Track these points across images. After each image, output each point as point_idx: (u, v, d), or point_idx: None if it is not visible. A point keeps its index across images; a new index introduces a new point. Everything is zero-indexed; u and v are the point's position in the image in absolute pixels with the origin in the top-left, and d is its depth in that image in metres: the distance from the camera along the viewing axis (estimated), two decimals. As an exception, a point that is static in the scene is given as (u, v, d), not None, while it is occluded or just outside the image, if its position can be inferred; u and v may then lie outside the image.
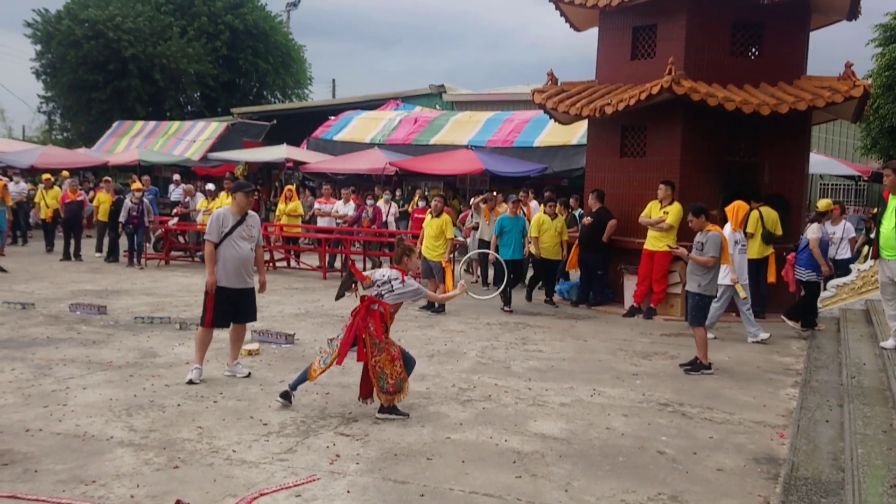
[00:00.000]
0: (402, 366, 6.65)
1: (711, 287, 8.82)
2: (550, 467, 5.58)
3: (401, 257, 6.95)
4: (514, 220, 12.90)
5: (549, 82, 14.07)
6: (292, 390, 6.87)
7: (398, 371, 6.60)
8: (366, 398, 6.75)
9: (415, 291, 6.87)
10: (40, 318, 10.62)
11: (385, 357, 6.58)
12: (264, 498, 4.84)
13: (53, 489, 4.90)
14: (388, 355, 6.59)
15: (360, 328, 6.57)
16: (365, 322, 6.59)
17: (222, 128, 31.46)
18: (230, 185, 15.30)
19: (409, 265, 6.97)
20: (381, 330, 6.61)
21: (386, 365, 6.57)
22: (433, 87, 31.46)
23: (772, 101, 11.74)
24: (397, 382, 6.59)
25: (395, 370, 6.59)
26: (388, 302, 6.73)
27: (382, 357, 6.58)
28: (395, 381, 6.58)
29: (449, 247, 12.84)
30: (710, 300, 8.94)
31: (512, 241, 12.80)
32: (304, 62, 51.32)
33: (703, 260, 8.74)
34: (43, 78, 44.21)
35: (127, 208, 16.86)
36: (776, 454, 6.00)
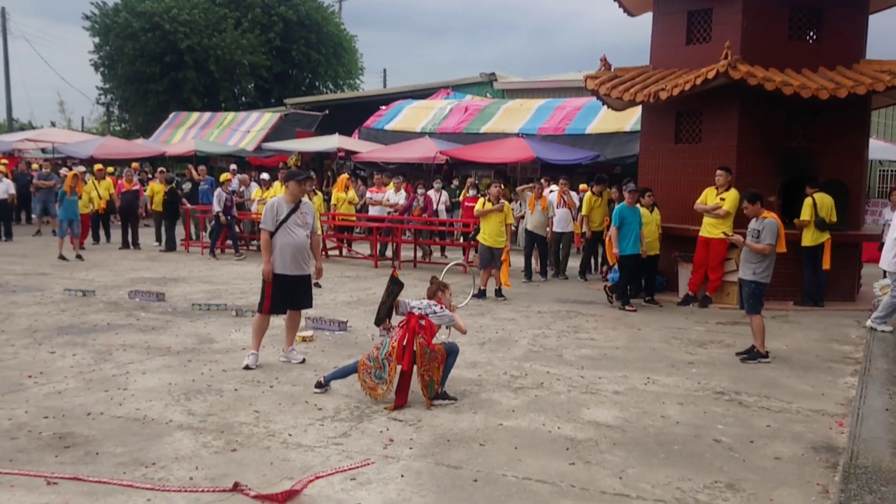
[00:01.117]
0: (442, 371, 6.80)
1: (766, 275, 8.64)
2: (604, 455, 5.54)
3: (435, 293, 7.15)
4: (633, 210, 11.73)
5: (602, 68, 13.92)
6: (326, 383, 6.97)
7: (441, 375, 6.74)
8: (399, 407, 6.57)
9: (450, 318, 7.05)
10: (100, 304, 10.88)
11: (434, 365, 6.68)
12: (320, 481, 4.90)
13: (114, 471, 5.03)
14: (437, 363, 6.69)
15: (410, 340, 6.65)
16: (414, 333, 6.67)
17: (276, 118, 31.82)
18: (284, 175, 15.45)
19: (444, 300, 7.12)
20: (430, 341, 6.74)
21: (434, 373, 6.68)
22: (484, 75, 31.37)
23: (830, 85, 11.46)
24: (441, 385, 6.75)
25: (439, 375, 6.72)
26: (433, 321, 6.88)
27: (433, 366, 6.67)
28: (440, 388, 6.74)
29: (509, 234, 12.74)
30: (764, 287, 8.73)
31: (631, 234, 11.64)
32: (355, 52, 51.57)
33: (759, 247, 8.58)
34: (101, 70, 45.21)
35: (222, 199, 16.77)
36: (835, 443, 5.88)
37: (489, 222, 12.48)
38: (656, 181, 13.12)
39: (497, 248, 12.40)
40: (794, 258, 11.50)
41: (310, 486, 4.80)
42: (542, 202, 14.41)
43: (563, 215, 15.08)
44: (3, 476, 4.87)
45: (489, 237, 12.41)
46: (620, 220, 11.63)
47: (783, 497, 4.86)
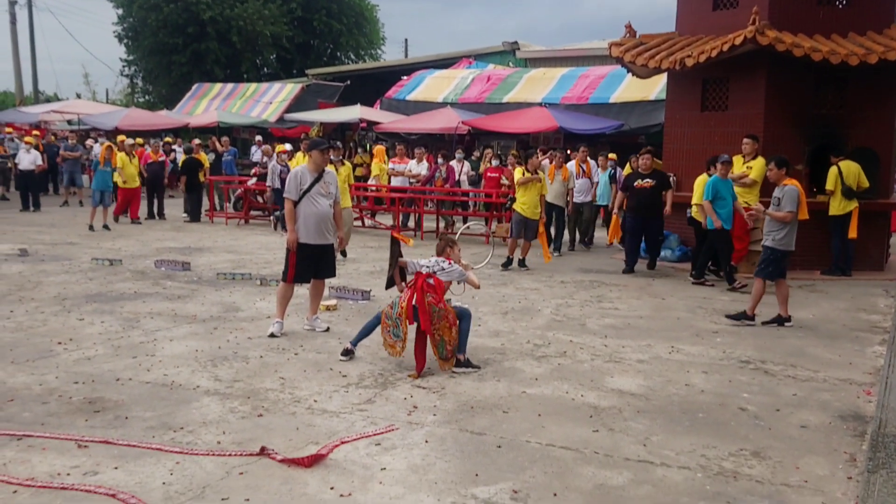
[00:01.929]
0: (458, 331, 6.72)
1: (785, 242, 8.62)
2: (628, 422, 5.54)
3: (443, 249, 7.13)
4: (725, 183, 10.96)
5: (627, 35, 13.75)
6: (354, 346, 7.02)
7: (454, 337, 6.68)
8: (420, 371, 6.61)
9: (460, 273, 7.03)
10: (127, 273, 10.99)
11: (444, 324, 6.64)
12: (345, 446, 4.94)
13: (143, 435, 5.10)
14: (447, 322, 6.65)
15: (419, 300, 6.63)
16: (423, 293, 6.65)
17: (297, 89, 31.80)
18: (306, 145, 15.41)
19: (453, 255, 7.10)
20: (439, 299, 6.71)
21: (445, 332, 6.64)
22: (506, 44, 31.11)
23: (860, 51, 11.25)
24: (454, 348, 6.70)
25: (452, 336, 6.67)
26: (441, 279, 6.87)
27: (442, 324, 6.63)
28: (452, 347, 6.68)
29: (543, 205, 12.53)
30: (782, 255, 8.70)
31: (726, 208, 10.95)
32: (377, 22, 51.32)
33: (780, 216, 8.55)
34: (125, 42, 45.37)
35: (276, 172, 15.85)
36: (863, 411, 5.83)
37: (528, 192, 12.18)
38: (682, 150, 13.00)
39: (533, 219, 12.21)
40: (821, 227, 11.39)
41: (335, 451, 4.84)
42: (563, 172, 14.23)
43: (583, 185, 14.80)
44: (36, 439, 4.96)
45: (528, 208, 12.15)
46: (714, 193, 10.88)
47: (809, 465, 4.84)
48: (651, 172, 12.13)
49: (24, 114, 31.41)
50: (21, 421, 5.30)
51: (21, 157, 19.81)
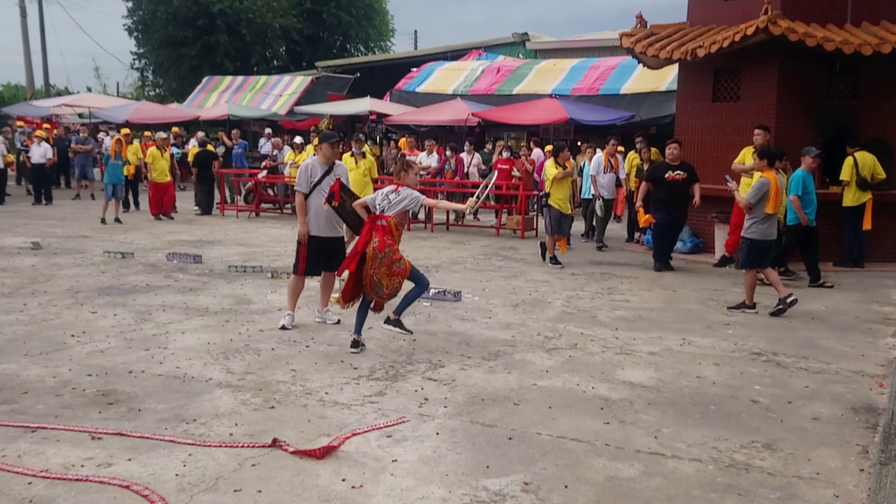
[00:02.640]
0: (401, 284, 6.80)
1: (756, 232, 8.89)
2: (639, 414, 5.54)
3: (399, 172, 7.05)
4: (811, 177, 10.60)
5: (638, 25, 13.68)
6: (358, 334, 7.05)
7: (395, 285, 6.77)
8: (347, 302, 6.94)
9: (412, 199, 6.90)
10: (139, 266, 11.04)
11: (384, 271, 6.69)
12: (356, 438, 4.96)
13: (156, 427, 5.12)
14: (387, 269, 6.69)
15: (361, 242, 6.76)
16: (368, 237, 6.75)
17: (307, 82, 31.82)
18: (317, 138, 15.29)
19: (407, 180, 6.98)
20: (384, 244, 6.70)
21: (383, 277, 6.71)
22: (516, 35, 31.02)
23: (874, 40, 11.17)
24: (391, 293, 6.81)
25: (393, 284, 6.75)
26: (389, 214, 6.81)
27: (382, 270, 6.69)
28: (389, 292, 6.79)
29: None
30: (756, 244, 8.92)
31: (812, 204, 10.59)
32: (386, 14, 51.25)
33: (738, 198, 9.11)
34: (135, 35, 45.48)
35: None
36: (875, 404, 5.81)
37: (562, 188, 11.90)
38: (693, 141, 12.93)
39: (568, 214, 12.01)
40: (834, 218, 11.33)
41: (347, 443, 4.86)
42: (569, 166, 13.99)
43: (610, 180, 14.04)
44: (50, 431, 4.99)
45: (564, 203, 11.88)
46: (804, 188, 10.42)
47: (822, 457, 4.83)
48: (680, 164, 11.70)
49: (35, 107, 31.54)
50: (35, 413, 5.33)
51: (33, 151, 19.90)
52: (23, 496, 4.13)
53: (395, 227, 6.88)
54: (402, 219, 6.97)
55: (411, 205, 7.00)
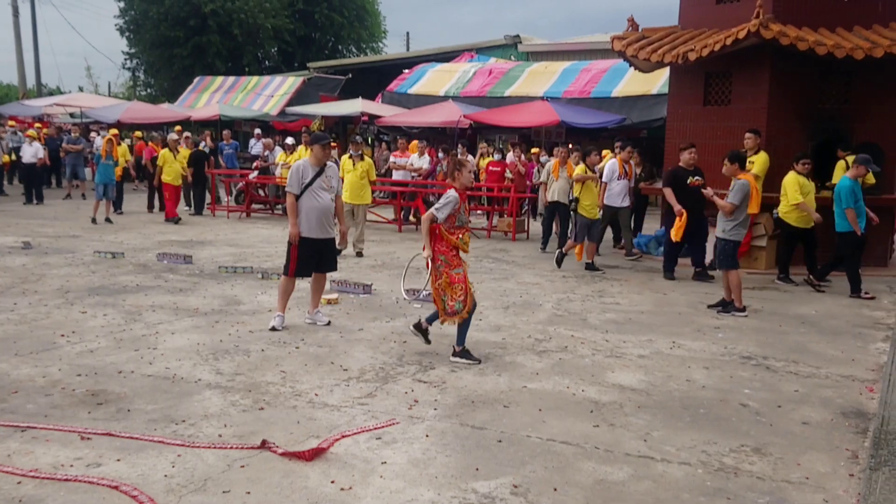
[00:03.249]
0: (465, 290, 6.75)
1: (735, 233, 9.05)
2: (629, 417, 5.54)
3: (452, 172, 6.99)
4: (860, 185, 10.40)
5: (630, 28, 13.70)
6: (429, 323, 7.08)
7: (457, 294, 6.73)
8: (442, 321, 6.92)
9: (446, 198, 6.84)
10: (129, 266, 10.99)
11: (444, 281, 6.74)
12: (346, 439, 4.95)
13: (145, 427, 5.11)
14: (448, 278, 6.74)
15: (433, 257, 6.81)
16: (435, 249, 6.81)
17: (299, 82, 31.75)
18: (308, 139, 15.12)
19: (462, 179, 6.90)
20: (438, 253, 6.76)
21: (446, 289, 6.75)
22: (508, 37, 31.02)
23: (866, 44, 11.20)
24: (456, 305, 6.75)
25: (455, 293, 6.73)
26: (440, 220, 6.79)
27: (441, 281, 6.74)
28: (454, 304, 6.74)
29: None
30: (735, 245, 9.08)
31: (862, 211, 10.36)
32: (378, 15, 51.20)
33: (721, 203, 9.05)
34: (127, 35, 45.31)
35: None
36: (865, 408, 5.83)
37: (590, 193, 11.74)
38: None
39: (596, 219, 11.89)
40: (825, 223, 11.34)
41: (336, 445, 4.85)
42: (568, 168, 13.40)
43: (623, 187, 12.89)
44: (39, 431, 4.97)
45: (593, 209, 11.73)
46: (856, 197, 10.28)
47: (811, 462, 4.84)
48: (696, 168, 11.26)
49: (27, 107, 31.38)
50: (25, 413, 5.31)
51: (24, 151, 19.82)
52: (12, 496, 4.11)
53: (446, 232, 6.79)
54: (451, 223, 6.84)
55: (451, 210, 6.81)
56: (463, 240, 6.86)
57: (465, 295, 6.77)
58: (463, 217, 6.86)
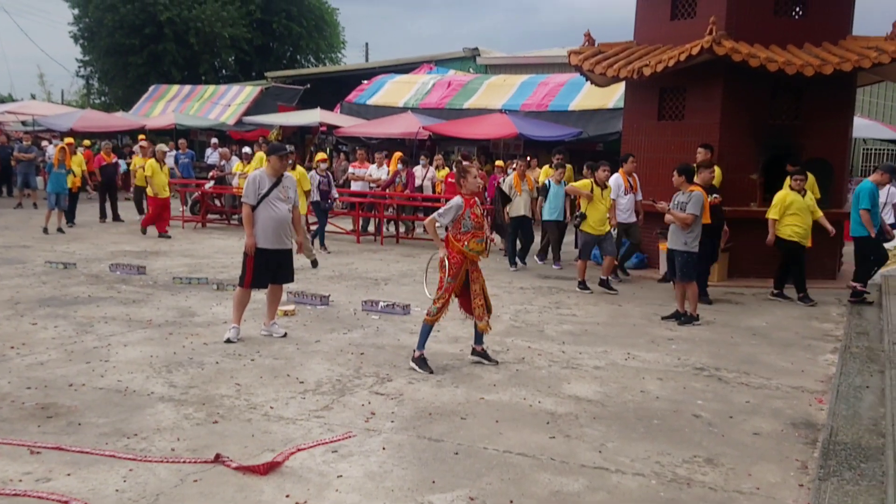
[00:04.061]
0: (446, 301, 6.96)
1: (695, 244, 9.23)
2: (584, 429, 5.58)
3: (457, 179, 7.15)
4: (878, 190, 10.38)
5: (586, 43, 13.86)
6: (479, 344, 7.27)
7: (438, 299, 6.95)
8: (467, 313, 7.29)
9: (449, 204, 6.99)
10: (81, 277, 10.80)
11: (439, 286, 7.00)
12: (301, 453, 4.91)
13: (96, 441, 5.02)
14: (440, 282, 6.97)
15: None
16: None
17: (256, 92, 31.55)
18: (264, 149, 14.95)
19: (467, 185, 7.04)
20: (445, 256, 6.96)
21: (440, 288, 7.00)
22: (467, 50, 31.20)
23: (816, 61, 11.47)
24: (432, 308, 6.99)
25: (437, 298, 6.96)
26: (442, 225, 7.02)
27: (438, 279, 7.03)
28: (431, 307, 7.00)
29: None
30: (695, 256, 9.26)
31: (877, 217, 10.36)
32: (337, 26, 51.10)
33: (682, 216, 9.16)
34: (81, 42, 44.61)
35: (316, 182, 14.28)
36: (814, 419, 5.94)
37: (597, 208, 11.21)
38: (639, 158, 13.10)
39: (603, 235, 11.29)
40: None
41: (291, 458, 4.81)
42: (528, 182, 13.53)
43: (629, 202, 12.38)
44: (-16, 447, 4.86)
45: (600, 224, 11.23)
46: (873, 201, 10.29)
47: (762, 472, 4.92)
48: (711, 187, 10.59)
49: (-23, 115, 30.74)
50: (-31, 428, 5.18)
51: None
52: (-46, 514, 4.01)
53: (452, 238, 6.96)
54: (458, 229, 6.94)
55: (452, 212, 6.94)
56: (469, 247, 6.93)
57: (444, 304, 6.96)
58: (469, 223, 6.94)
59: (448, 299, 6.93)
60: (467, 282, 7.06)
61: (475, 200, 7.06)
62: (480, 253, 7.03)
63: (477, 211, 7.01)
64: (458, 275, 6.91)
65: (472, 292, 7.08)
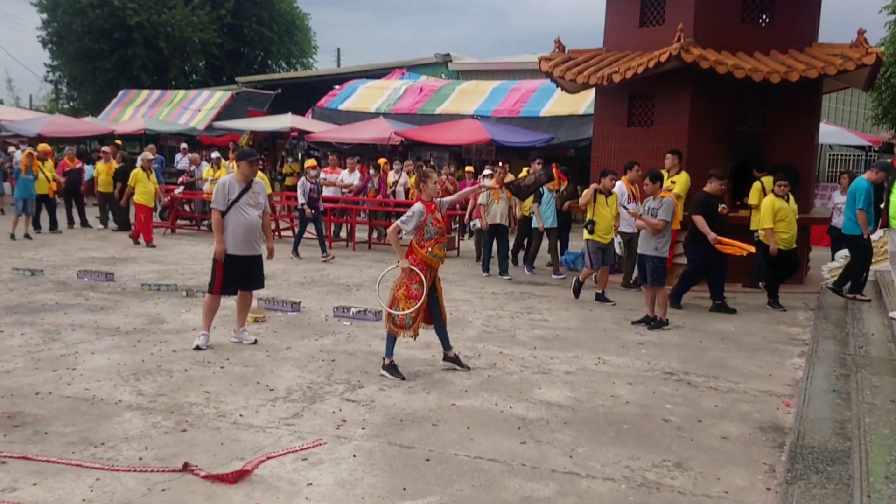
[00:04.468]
0: (419, 309, 6.84)
1: (666, 249, 9.43)
2: (555, 434, 5.60)
3: (417, 184, 7.16)
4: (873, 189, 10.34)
5: (557, 50, 13.94)
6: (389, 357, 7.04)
7: (410, 309, 6.82)
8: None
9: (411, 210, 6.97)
10: (49, 284, 10.66)
11: (402, 292, 6.87)
12: (271, 461, 4.88)
13: (63, 451, 4.95)
14: (406, 290, 6.86)
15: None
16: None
17: (227, 97, 31.38)
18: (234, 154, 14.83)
19: (427, 191, 7.01)
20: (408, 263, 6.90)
21: (402, 300, 6.86)
22: (439, 55, 31.24)
23: (782, 68, 11.62)
24: (405, 320, 6.85)
25: (408, 308, 6.82)
26: (406, 232, 6.97)
27: (401, 292, 6.88)
28: (403, 318, 6.85)
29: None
30: (666, 261, 9.47)
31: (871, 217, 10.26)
32: (308, 31, 50.95)
33: (654, 222, 9.29)
34: (49, 47, 44.08)
35: (307, 189, 14.28)
36: (782, 423, 6.01)
37: (603, 216, 10.98)
38: (609, 164, 13.17)
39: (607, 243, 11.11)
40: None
41: (261, 467, 4.78)
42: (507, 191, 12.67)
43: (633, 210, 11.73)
44: (-55, 458, 4.77)
45: (607, 233, 11.02)
46: (869, 201, 10.34)
47: (730, 476, 4.96)
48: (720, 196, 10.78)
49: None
50: (-69, 439, 5.09)
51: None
52: (-85, 527, 3.93)
53: (416, 245, 6.93)
54: (420, 235, 6.93)
55: (415, 219, 6.91)
56: (433, 252, 6.92)
57: (418, 313, 6.88)
58: (431, 228, 6.92)
59: (421, 307, 6.89)
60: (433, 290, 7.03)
61: (436, 205, 7.06)
62: (442, 258, 7.05)
63: (438, 216, 7.01)
64: (425, 281, 6.89)
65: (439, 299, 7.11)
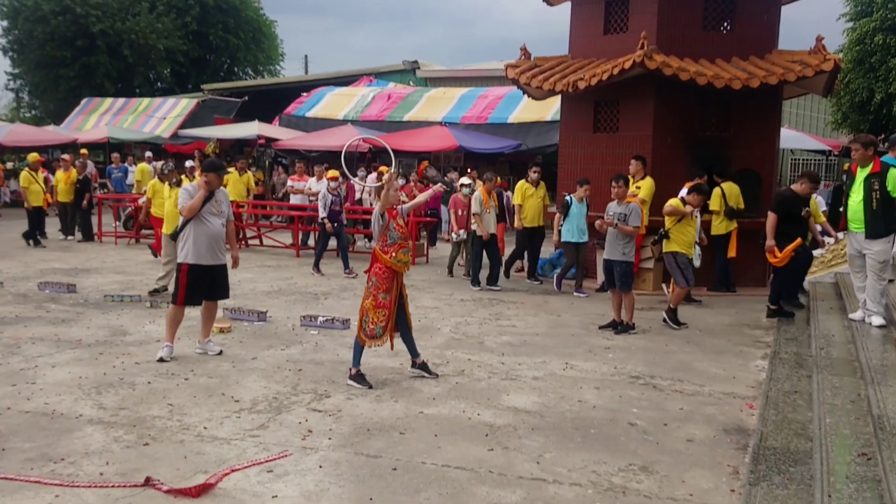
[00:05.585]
0: (388, 317, 6.82)
1: (632, 253, 9.56)
2: (522, 440, 5.60)
3: (379, 191, 7.17)
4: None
5: (523, 57, 14.00)
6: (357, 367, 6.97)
7: (380, 319, 6.79)
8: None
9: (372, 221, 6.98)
10: (8, 296, 10.48)
11: (370, 302, 6.82)
12: (235, 474, 4.83)
13: (21, 467, 4.86)
14: (374, 300, 6.80)
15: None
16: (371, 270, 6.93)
17: (193, 104, 31.12)
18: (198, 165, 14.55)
19: (387, 198, 6.92)
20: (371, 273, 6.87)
21: (370, 310, 6.81)
22: (406, 63, 31.27)
23: (743, 75, 11.77)
24: (376, 329, 6.81)
25: (378, 317, 6.79)
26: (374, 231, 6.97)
27: (368, 301, 6.83)
28: (374, 327, 6.80)
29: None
30: (632, 265, 9.60)
31: None
32: (275, 38, 50.70)
33: (630, 230, 9.39)
34: (10, 55, 43.37)
35: (328, 201, 13.49)
36: (746, 425, 6.06)
37: (688, 226, 10.05)
38: (575, 170, 13.28)
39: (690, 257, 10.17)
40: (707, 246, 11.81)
41: (225, 480, 4.72)
42: (494, 198, 12.80)
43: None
44: None
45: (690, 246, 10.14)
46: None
47: (695, 478, 4.99)
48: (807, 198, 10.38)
49: None
50: None
51: None
52: None
53: (380, 251, 6.88)
54: (383, 242, 6.89)
55: (378, 225, 6.90)
56: (397, 258, 6.88)
57: (388, 321, 6.86)
58: (395, 234, 6.90)
59: (390, 316, 6.86)
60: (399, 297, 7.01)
61: (397, 211, 7.05)
62: (407, 264, 7.03)
63: (400, 221, 7.00)
64: (392, 289, 6.86)
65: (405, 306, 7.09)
